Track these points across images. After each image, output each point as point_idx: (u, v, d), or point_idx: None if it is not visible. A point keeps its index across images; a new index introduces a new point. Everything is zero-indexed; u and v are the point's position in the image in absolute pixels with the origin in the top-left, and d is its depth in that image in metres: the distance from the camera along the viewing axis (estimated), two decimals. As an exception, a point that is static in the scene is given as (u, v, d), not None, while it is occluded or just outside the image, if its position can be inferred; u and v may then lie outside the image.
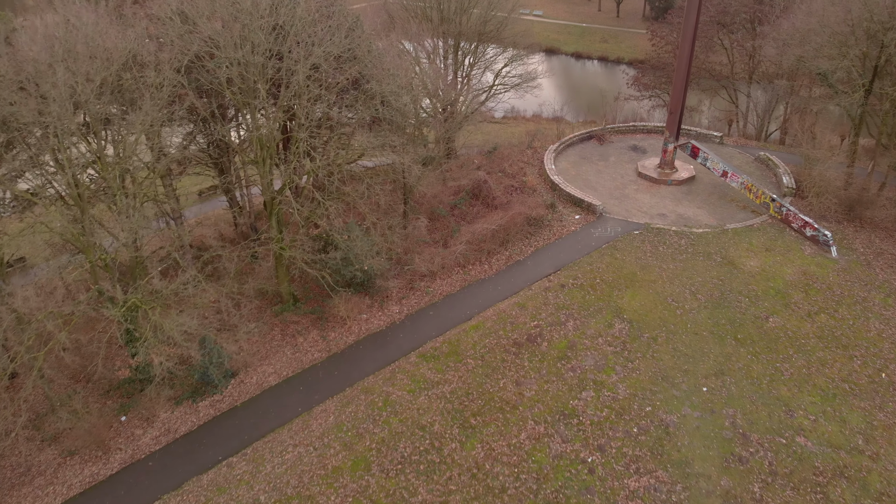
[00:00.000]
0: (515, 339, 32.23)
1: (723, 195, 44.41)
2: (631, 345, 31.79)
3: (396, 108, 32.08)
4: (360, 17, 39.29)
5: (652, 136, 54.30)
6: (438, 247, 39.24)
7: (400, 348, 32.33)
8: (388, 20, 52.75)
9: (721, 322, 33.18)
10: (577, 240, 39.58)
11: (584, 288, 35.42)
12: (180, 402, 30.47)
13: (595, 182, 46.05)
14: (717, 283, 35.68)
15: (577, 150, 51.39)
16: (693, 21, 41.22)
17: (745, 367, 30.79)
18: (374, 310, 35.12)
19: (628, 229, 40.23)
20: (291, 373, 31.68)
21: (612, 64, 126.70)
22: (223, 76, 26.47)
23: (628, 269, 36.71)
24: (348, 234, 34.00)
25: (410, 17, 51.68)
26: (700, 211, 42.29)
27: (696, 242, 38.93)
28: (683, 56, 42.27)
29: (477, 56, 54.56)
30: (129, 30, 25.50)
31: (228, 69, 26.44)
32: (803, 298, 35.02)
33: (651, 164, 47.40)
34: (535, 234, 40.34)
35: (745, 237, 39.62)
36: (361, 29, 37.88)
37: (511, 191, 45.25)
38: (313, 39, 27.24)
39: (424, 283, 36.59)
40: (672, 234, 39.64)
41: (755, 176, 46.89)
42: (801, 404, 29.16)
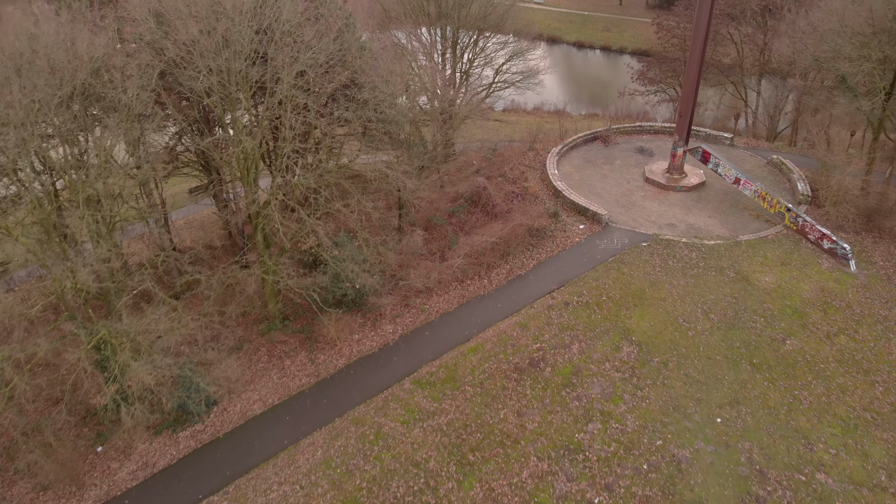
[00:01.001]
0: (517, 363, 30.64)
1: (735, 203, 42.73)
2: (640, 370, 30.23)
3: (390, 116, 30.24)
4: (352, 14, 37.35)
5: (659, 136, 52.51)
6: (435, 260, 37.55)
7: (393, 373, 30.73)
8: (383, 14, 50.68)
9: (735, 345, 31.62)
10: (582, 252, 37.91)
11: (590, 306, 33.79)
12: (159, 432, 28.87)
13: (600, 188, 44.32)
14: (730, 302, 34.08)
15: (580, 153, 49.61)
16: (705, 22, 39.33)
17: (761, 396, 29.28)
18: (367, 329, 33.48)
19: (636, 241, 38.55)
20: (277, 400, 30.08)
21: (615, 54, 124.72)
22: (201, 86, 24.60)
23: (636, 286, 35.08)
24: (339, 248, 32.29)
25: (406, 11, 49.60)
26: (711, 220, 40.61)
27: (707, 256, 37.29)
28: (694, 58, 40.41)
29: (476, 52, 52.59)
30: (98, 36, 23.59)
31: (207, 77, 24.58)
32: (822, 318, 33.47)
33: (659, 169, 45.65)
34: (538, 245, 38.65)
35: (759, 250, 37.98)
36: (354, 28, 35.94)
37: (512, 198, 43.50)
38: (299, 46, 25.38)
39: (420, 300, 34.93)
40: (682, 247, 37.99)
41: (768, 182, 45.19)
42: (820, 436, 27.70)
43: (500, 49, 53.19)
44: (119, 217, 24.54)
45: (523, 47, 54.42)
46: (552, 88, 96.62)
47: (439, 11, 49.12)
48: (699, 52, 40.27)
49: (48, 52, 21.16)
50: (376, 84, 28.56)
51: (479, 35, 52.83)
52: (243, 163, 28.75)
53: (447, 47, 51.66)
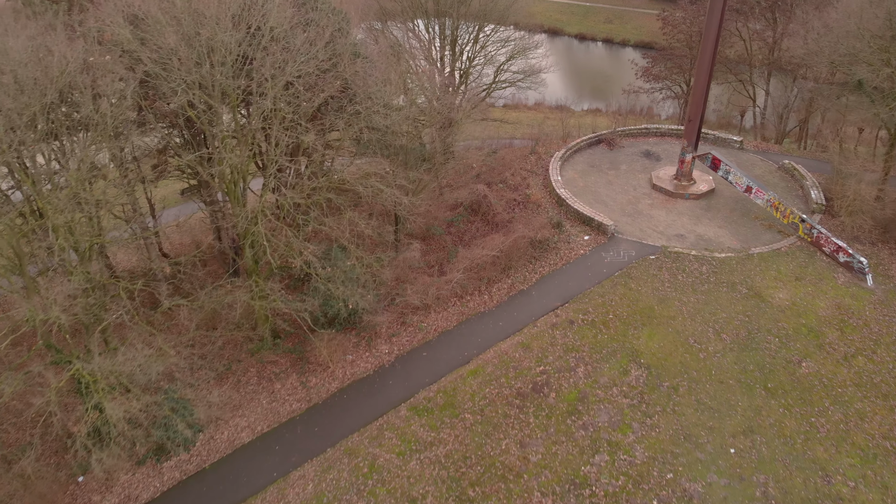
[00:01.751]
0: (519, 388, 29.39)
1: (746, 212, 41.39)
2: (649, 396, 28.99)
3: (385, 126, 28.79)
4: (346, 16, 35.82)
5: (666, 139, 51.09)
6: (433, 274, 36.22)
7: (389, 399, 29.46)
8: (379, 11, 49.06)
9: (749, 368, 30.39)
10: (587, 265, 36.58)
11: (596, 325, 32.51)
12: (143, 462, 27.59)
13: (605, 195, 42.94)
14: (743, 320, 32.83)
15: (584, 157, 48.19)
16: (716, 26, 37.87)
17: (776, 423, 28.08)
18: (361, 350, 32.19)
19: (643, 253, 37.23)
20: (267, 427, 28.82)
21: (617, 46, 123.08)
22: (179, 101, 23.14)
23: (644, 303, 33.80)
24: (331, 264, 30.93)
25: (404, 8, 48.02)
26: (721, 231, 39.29)
27: (718, 270, 35.99)
28: (704, 63, 38.96)
29: (476, 51, 51.06)
30: (73, 46, 22.09)
31: (186, 92, 23.12)
32: (838, 338, 32.25)
33: (666, 175, 44.28)
34: (541, 257, 37.32)
35: (772, 263, 36.69)
36: (348, 32, 34.44)
37: (514, 206, 42.13)
38: (286, 55, 23.89)
39: (417, 318, 33.62)
40: (692, 260, 36.67)
41: (780, 189, 43.85)
42: (839, 467, 26.56)
43: (501, 48, 51.62)
44: (96, 242, 23.11)
45: (525, 45, 52.87)
46: (554, 83, 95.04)
47: (437, 9, 47.56)
48: (709, 57, 38.82)
49: (14, 69, 19.70)
50: (370, 94, 27.09)
51: (478, 31, 51.33)
52: (229, 178, 27.31)
53: (445, 44, 50.14)
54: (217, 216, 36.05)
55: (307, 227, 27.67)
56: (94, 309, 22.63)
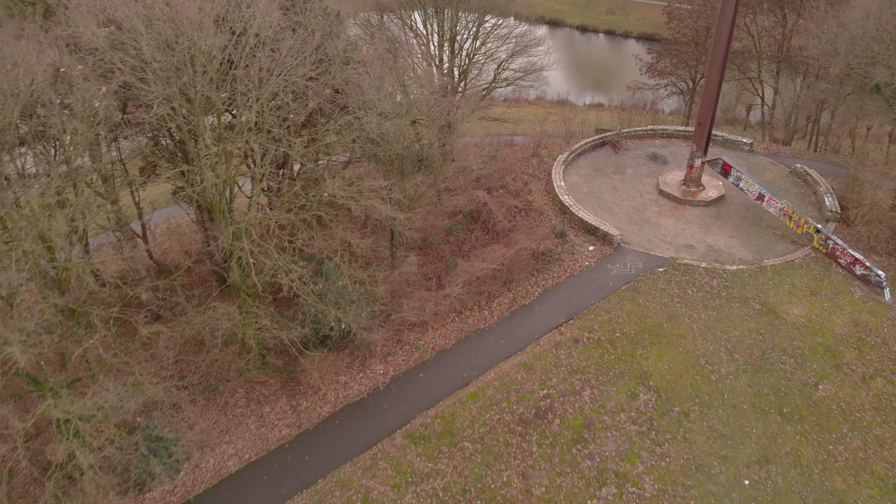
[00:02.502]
0: (521, 413, 28.10)
1: (757, 220, 40.04)
2: (659, 422, 27.74)
3: (379, 134, 27.32)
4: (339, 15, 34.27)
5: (673, 141, 49.66)
6: (431, 287, 34.86)
7: (384, 425, 28.16)
8: (375, 5, 47.40)
9: (763, 391, 29.15)
10: (592, 278, 35.24)
11: (602, 344, 31.21)
12: (125, 492, 26.25)
13: (610, 202, 41.54)
14: (756, 339, 31.55)
15: (588, 161, 46.75)
16: (728, 26, 36.34)
17: (792, 452, 26.89)
18: (355, 370, 30.86)
19: (651, 265, 35.89)
20: (255, 455, 27.53)
21: (620, 38, 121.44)
22: (158, 112, 21.65)
23: (653, 319, 32.49)
24: (324, 279, 29.57)
25: (401, 3, 46.42)
26: (733, 241, 37.95)
27: (730, 283, 34.68)
28: (715, 65, 37.48)
29: (475, 48, 49.50)
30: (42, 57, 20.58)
31: (164, 104, 21.63)
32: (856, 358, 31.02)
33: (674, 180, 42.88)
34: (543, 270, 35.96)
35: (786, 277, 35.38)
36: (339, 35, 32.89)
37: (515, 213, 40.72)
38: (270, 66, 22.38)
39: (414, 336, 32.29)
40: (702, 273, 35.35)
41: (793, 195, 42.50)
42: (857, 499, 25.48)
43: (502, 44, 50.07)
44: (69, 269, 21.68)
45: (527, 41, 51.31)
46: (555, 76, 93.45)
47: (436, 2, 45.99)
48: (720, 59, 37.34)
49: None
50: (364, 102, 25.58)
51: (479, 26, 49.77)
52: (213, 195, 25.86)
53: (444, 41, 48.55)
54: (205, 224, 34.70)
55: (296, 244, 26.21)
56: (64, 343, 21.26)
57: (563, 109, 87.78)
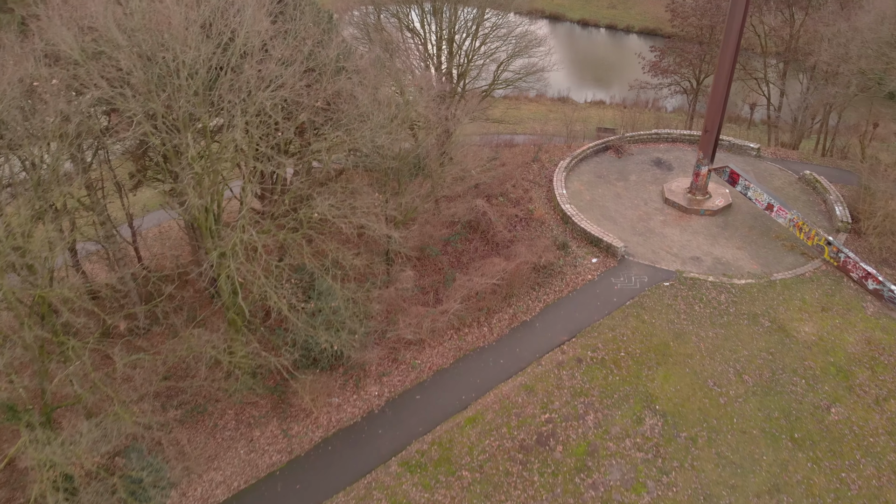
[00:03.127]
0: (522, 439, 27.15)
1: (765, 230, 39.05)
2: (665, 449, 26.81)
3: (373, 148, 26.22)
4: (333, 18, 33.13)
5: (678, 145, 48.59)
6: (428, 301, 33.86)
7: (378, 451, 27.19)
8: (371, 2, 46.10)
9: (774, 415, 28.23)
10: (595, 293, 34.23)
11: (606, 364, 30.25)
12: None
13: (614, 211, 40.50)
14: (766, 359, 30.61)
15: (591, 166, 45.67)
16: (737, 32, 35.24)
17: (804, 480, 26.01)
18: (348, 392, 29.87)
19: (656, 279, 34.90)
20: (244, 483, 26.57)
21: (621, 33, 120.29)
22: (137, 132, 20.55)
23: (659, 338, 31.53)
24: (316, 297, 28.56)
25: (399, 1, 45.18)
26: (740, 253, 36.96)
27: (738, 299, 33.71)
28: (723, 71, 36.40)
29: (474, 48, 48.29)
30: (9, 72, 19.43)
31: (145, 122, 20.52)
32: (869, 378, 30.11)
33: (679, 188, 41.84)
34: (545, 283, 34.94)
35: (796, 291, 34.42)
36: (334, 35, 31.73)
37: (515, 223, 39.68)
38: (258, 81, 21.24)
39: (411, 354, 31.30)
40: (709, 287, 34.36)
41: (801, 203, 41.51)
42: (873, 531, 24.53)
43: (502, 45, 48.89)
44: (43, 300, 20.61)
45: (528, 41, 50.14)
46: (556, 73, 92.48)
47: (434, 5, 44.81)
48: (729, 65, 36.27)
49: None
50: (358, 115, 24.45)
51: (478, 25, 48.56)
52: (199, 214, 24.77)
53: (442, 41, 47.32)
54: (195, 233, 33.62)
55: (283, 267, 25.16)
56: (43, 372, 20.23)
57: (563, 107, 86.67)
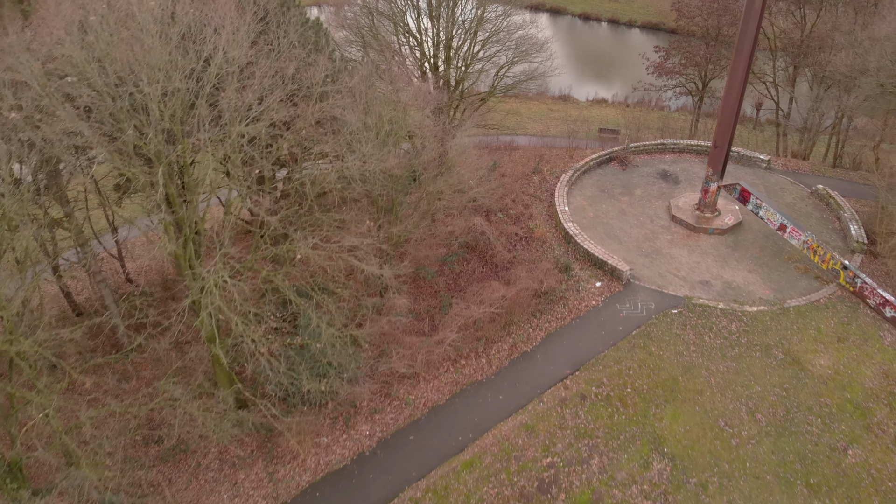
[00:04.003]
0: (522, 487, 25.81)
1: (778, 250, 37.65)
2: (674, 497, 25.51)
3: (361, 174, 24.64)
4: (321, 27, 31.52)
5: (684, 156, 47.12)
6: (423, 331, 32.47)
7: (369, 498, 25.85)
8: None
9: (788, 459, 26.94)
10: (600, 321, 32.84)
11: (612, 402, 28.89)
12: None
13: (618, 229, 39.04)
14: (780, 396, 29.30)
15: (594, 179, 44.18)
16: (751, 38, 33.70)
17: (822, 532, 24.72)
18: (337, 431, 28.48)
19: (664, 305, 33.52)
20: (226, 534, 25.20)
21: (623, 27, 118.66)
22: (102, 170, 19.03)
23: (667, 372, 30.17)
24: (302, 330, 27.15)
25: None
26: (752, 277, 35.57)
27: (750, 328, 32.35)
28: (735, 84, 34.90)
29: (472, 53, 46.66)
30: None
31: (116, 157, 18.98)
32: (887, 416, 28.84)
33: (687, 204, 40.38)
34: (546, 310, 33.53)
35: (810, 319, 33.07)
36: (324, 45, 30.16)
37: (515, 241, 38.23)
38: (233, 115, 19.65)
39: (404, 389, 29.90)
40: (720, 315, 32.99)
41: (814, 221, 40.11)
42: (894, 587, 23.29)
43: (501, 49, 47.30)
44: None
45: (528, 46, 48.52)
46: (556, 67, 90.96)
47: (430, 9, 43.14)
48: (741, 77, 34.76)
49: None
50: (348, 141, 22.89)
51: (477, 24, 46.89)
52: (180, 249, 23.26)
53: (439, 48, 45.65)
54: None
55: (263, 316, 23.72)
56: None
57: (565, 106, 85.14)
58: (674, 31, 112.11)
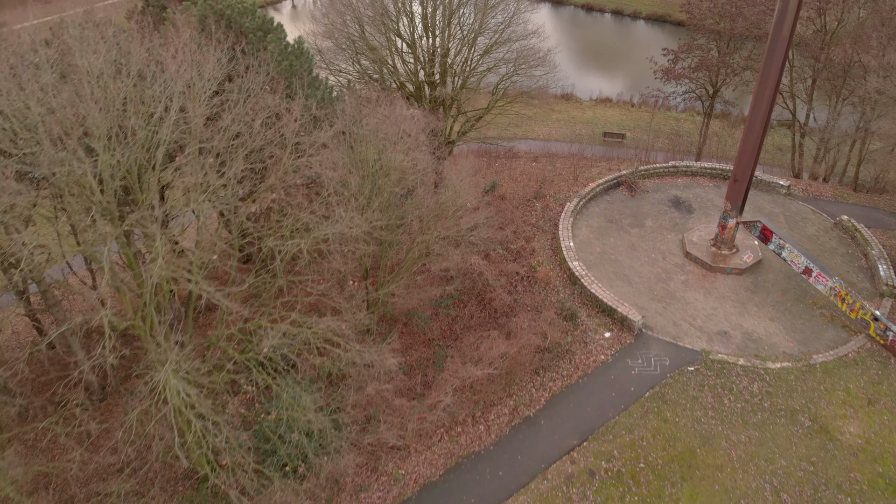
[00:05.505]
0: (525, 585, 23.50)
1: (801, 294, 35.27)
2: None
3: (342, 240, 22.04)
4: (304, 52, 28.80)
5: (698, 180, 44.56)
6: (414, 389, 30.03)
7: None
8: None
9: (819, 550, 24.70)
10: (610, 380, 30.45)
11: (623, 479, 26.56)
12: None
13: (628, 267, 36.55)
14: (807, 471, 27.03)
15: (601, 207, 41.58)
16: (777, 69, 31.11)
17: None
18: (320, 513, 26.04)
19: (679, 362, 31.15)
20: None
21: (628, 19, 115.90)
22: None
23: (684, 443, 27.85)
24: (277, 406, 24.68)
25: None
26: (774, 326, 33.19)
27: (773, 389, 30.02)
28: (758, 116, 32.37)
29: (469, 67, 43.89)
30: None
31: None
32: (925, 494, 26.57)
33: (702, 239, 37.89)
34: (551, 366, 31.09)
35: (838, 378, 30.77)
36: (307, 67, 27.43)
37: (516, 282, 35.73)
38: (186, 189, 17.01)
39: (393, 463, 27.47)
40: (740, 373, 30.65)
41: (839, 256, 37.74)
42: None
43: (500, 65, 44.60)
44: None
45: (528, 58, 45.80)
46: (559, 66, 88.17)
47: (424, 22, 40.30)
48: (765, 110, 32.23)
49: None
50: (321, 215, 20.25)
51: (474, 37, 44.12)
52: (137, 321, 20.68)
53: (434, 67, 42.79)
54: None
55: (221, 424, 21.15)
56: None
57: (568, 106, 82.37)
58: (680, 24, 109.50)
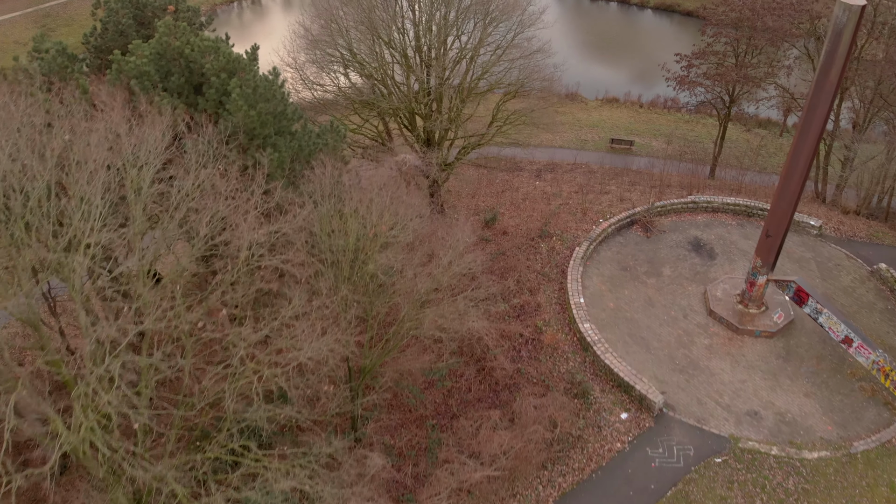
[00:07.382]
0: None
1: (839, 361, 32.21)
2: None
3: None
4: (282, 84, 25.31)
5: (719, 218, 41.26)
6: (404, 483, 26.90)
7: None
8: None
9: None
10: (626, 475, 27.39)
11: None
12: None
13: (645, 328, 33.37)
14: None
15: (613, 252, 38.26)
16: (821, 119, 27.80)
17: None
18: None
19: (705, 451, 28.12)
20: None
21: (635, 8, 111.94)
22: None
23: (711, 557, 24.85)
24: None
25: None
26: (809, 403, 30.14)
27: (810, 485, 27.03)
28: (798, 164, 29.09)
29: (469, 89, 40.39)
30: None
31: None
32: None
33: (727, 294, 34.71)
34: (560, 459, 27.94)
35: (882, 471, 27.81)
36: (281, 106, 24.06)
37: (520, 346, 32.55)
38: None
39: (381, 583, 24.35)
40: (773, 465, 27.62)
41: (877, 312, 34.76)
42: None
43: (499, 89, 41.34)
44: None
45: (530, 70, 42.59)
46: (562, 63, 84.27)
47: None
48: (805, 161, 28.99)
49: None
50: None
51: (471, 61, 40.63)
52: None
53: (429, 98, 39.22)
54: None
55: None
56: None
57: (572, 107, 78.78)
58: (689, 14, 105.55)
